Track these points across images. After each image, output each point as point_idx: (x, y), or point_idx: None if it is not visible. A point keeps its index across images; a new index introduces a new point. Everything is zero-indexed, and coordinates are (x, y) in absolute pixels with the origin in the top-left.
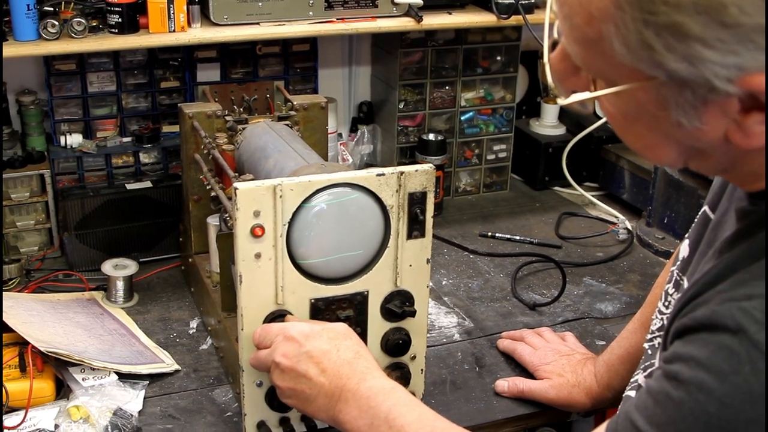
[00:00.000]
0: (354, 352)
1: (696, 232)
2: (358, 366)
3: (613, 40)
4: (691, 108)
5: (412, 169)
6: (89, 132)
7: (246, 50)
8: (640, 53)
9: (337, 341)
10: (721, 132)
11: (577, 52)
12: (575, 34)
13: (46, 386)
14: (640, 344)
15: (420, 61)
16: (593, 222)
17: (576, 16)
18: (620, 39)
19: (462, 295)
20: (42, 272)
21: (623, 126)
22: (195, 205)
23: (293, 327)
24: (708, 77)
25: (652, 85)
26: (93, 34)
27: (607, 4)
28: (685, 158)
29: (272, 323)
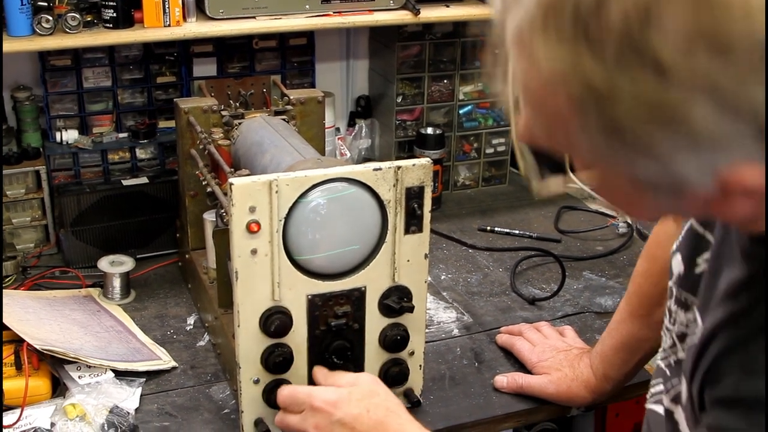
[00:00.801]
0: (384, 409)
1: (687, 247)
2: (391, 425)
3: (578, 134)
4: (668, 190)
5: (409, 164)
6: (85, 128)
7: (242, 44)
8: (606, 151)
9: (365, 402)
10: (701, 204)
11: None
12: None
13: (41, 384)
14: (632, 334)
15: (418, 54)
16: (593, 216)
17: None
18: (585, 137)
19: (461, 289)
20: (38, 269)
21: (600, 187)
22: (191, 200)
23: (318, 396)
24: (681, 176)
25: (623, 170)
26: (87, 29)
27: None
28: (670, 215)
29: (297, 388)
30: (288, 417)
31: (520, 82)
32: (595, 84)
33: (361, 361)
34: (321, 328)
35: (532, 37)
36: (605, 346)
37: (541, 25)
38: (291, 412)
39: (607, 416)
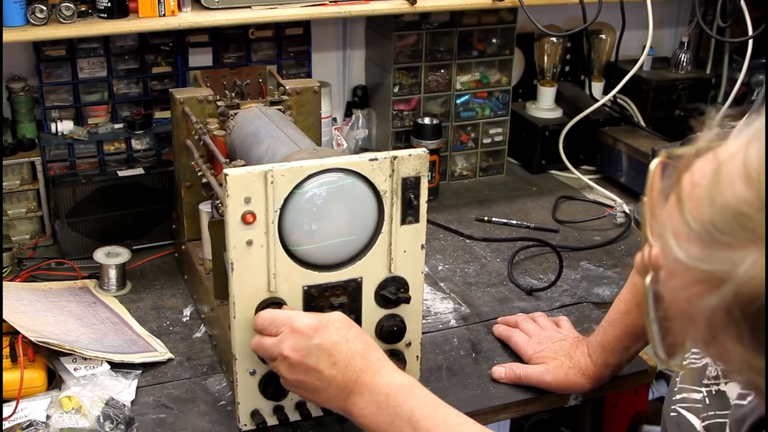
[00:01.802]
0: (363, 342)
1: None
2: (370, 358)
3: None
4: None
5: (405, 154)
6: (80, 119)
7: (238, 34)
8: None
9: (344, 331)
10: None
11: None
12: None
13: (37, 376)
14: (638, 324)
15: (415, 44)
16: (590, 206)
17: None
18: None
19: (458, 280)
20: (34, 261)
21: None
22: (187, 191)
23: (300, 319)
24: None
25: None
26: (82, 19)
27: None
28: None
29: (277, 311)
30: (264, 339)
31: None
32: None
33: None
34: None
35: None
36: (607, 335)
37: (736, 325)
38: (268, 335)
39: (605, 406)
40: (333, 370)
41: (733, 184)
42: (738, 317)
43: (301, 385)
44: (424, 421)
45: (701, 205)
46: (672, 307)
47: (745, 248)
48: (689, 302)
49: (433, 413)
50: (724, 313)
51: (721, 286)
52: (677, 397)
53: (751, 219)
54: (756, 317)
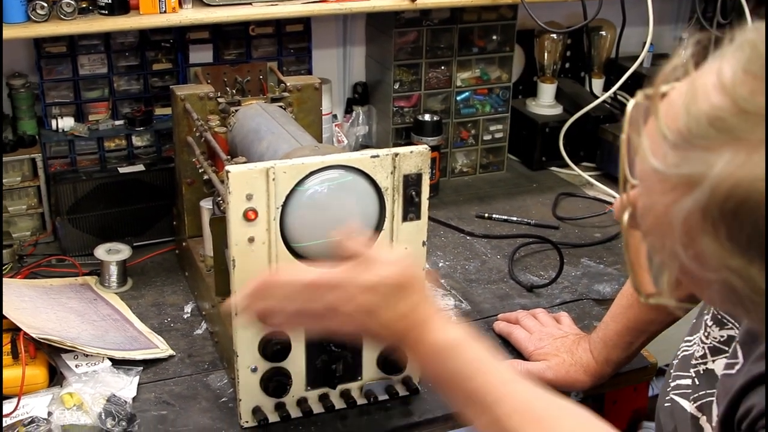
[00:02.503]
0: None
1: None
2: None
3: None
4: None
5: (407, 151)
6: (81, 115)
7: (239, 31)
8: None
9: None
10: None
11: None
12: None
13: (38, 373)
14: (640, 318)
15: (415, 40)
16: (591, 202)
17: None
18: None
19: (459, 277)
20: (34, 257)
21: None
22: (188, 188)
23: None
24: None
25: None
26: (83, 16)
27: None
28: None
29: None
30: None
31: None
32: (759, 286)
33: (359, 349)
34: None
35: (702, 229)
36: (609, 330)
37: (713, 225)
38: None
39: (605, 403)
40: (383, 329)
41: (708, 95)
42: (715, 216)
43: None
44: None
45: (677, 117)
46: (650, 221)
47: (719, 149)
48: (666, 209)
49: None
50: (700, 214)
51: (696, 187)
52: (671, 385)
53: (726, 121)
54: (732, 215)
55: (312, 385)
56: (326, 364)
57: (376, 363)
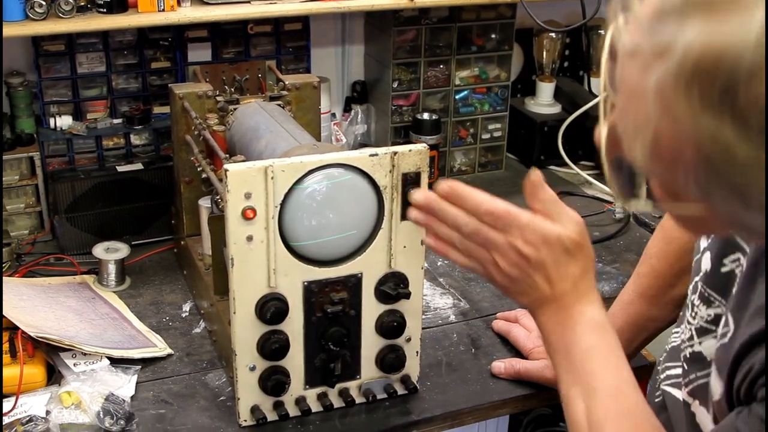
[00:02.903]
0: (581, 267)
1: (716, 246)
2: (580, 286)
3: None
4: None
5: (406, 149)
6: (79, 114)
7: (237, 29)
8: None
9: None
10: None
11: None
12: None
13: (37, 372)
14: (641, 314)
15: (414, 39)
16: (589, 201)
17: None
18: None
19: (457, 275)
20: (33, 256)
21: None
22: (186, 187)
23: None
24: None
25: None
26: (81, 14)
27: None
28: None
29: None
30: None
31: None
32: (734, 152)
33: (357, 348)
34: (317, 315)
35: (675, 94)
36: None
37: (686, 87)
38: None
39: None
40: (545, 284)
41: None
42: (687, 80)
43: (505, 280)
44: (591, 363)
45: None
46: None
47: (692, 15)
48: (639, 81)
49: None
50: (673, 78)
51: (669, 53)
52: (661, 377)
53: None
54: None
55: (310, 383)
56: (325, 363)
57: (375, 362)
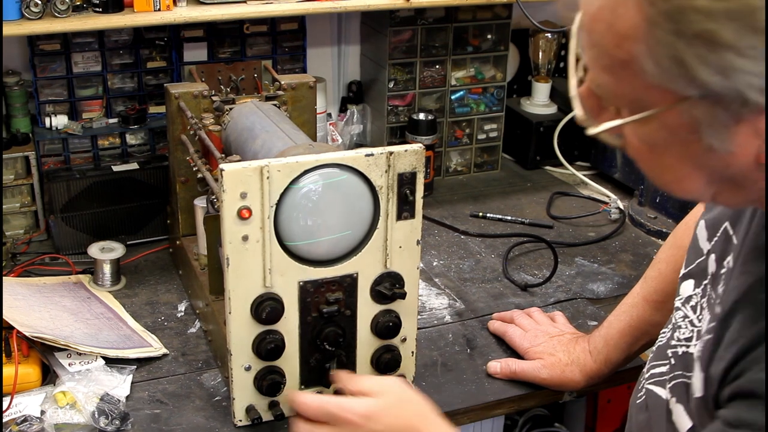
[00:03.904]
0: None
1: (720, 249)
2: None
3: (644, 60)
4: (723, 128)
5: (402, 149)
6: (75, 113)
7: (233, 29)
8: (672, 70)
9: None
10: (752, 155)
11: (606, 81)
12: (603, 61)
13: (31, 372)
14: (644, 318)
15: (410, 39)
16: (585, 201)
17: (604, 40)
18: (652, 58)
19: (453, 276)
20: (28, 256)
21: (650, 159)
22: (182, 186)
23: (353, 409)
24: (741, 89)
25: (684, 106)
26: (77, 13)
27: (638, 21)
28: (714, 190)
29: (326, 400)
30: (316, 429)
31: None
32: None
33: (353, 348)
34: (313, 315)
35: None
36: (612, 329)
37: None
38: (318, 424)
39: (599, 402)
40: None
41: None
42: None
43: None
44: None
45: None
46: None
47: None
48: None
49: None
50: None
51: None
52: (645, 376)
53: None
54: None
55: (306, 383)
56: (320, 363)
57: (370, 362)
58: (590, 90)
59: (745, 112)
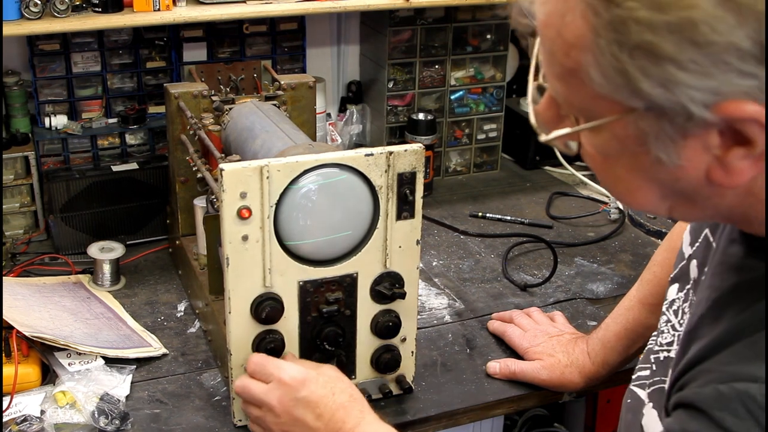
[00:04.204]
0: (348, 395)
1: (702, 255)
2: (353, 410)
3: (591, 69)
4: (670, 142)
5: (401, 149)
6: (74, 113)
7: (233, 29)
8: (617, 81)
9: (331, 384)
10: (702, 170)
11: (558, 88)
12: (555, 69)
13: (31, 371)
14: (639, 321)
15: (409, 39)
16: (584, 202)
17: (554, 47)
18: (597, 67)
19: (453, 276)
20: (27, 256)
21: (604, 168)
22: (182, 186)
23: (288, 371)
24: (684, 102)
25: (631, 117)
26: (76, 13)
27: (584, 30)
28: (669, 204)
29: (268, 358)
30: (252, 384)
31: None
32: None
33: (353, 348)
34: (312, 315)
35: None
36: (608, 331)
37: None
38: (256, 380)
39: (599, 402)
40: (318, 422)
41: None
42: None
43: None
44: None
45: None
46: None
47: None
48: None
49: None
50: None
51: None
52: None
53: None
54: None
55: None
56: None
57: (370, 362)
58: (551, 97)
59: (691, 126)
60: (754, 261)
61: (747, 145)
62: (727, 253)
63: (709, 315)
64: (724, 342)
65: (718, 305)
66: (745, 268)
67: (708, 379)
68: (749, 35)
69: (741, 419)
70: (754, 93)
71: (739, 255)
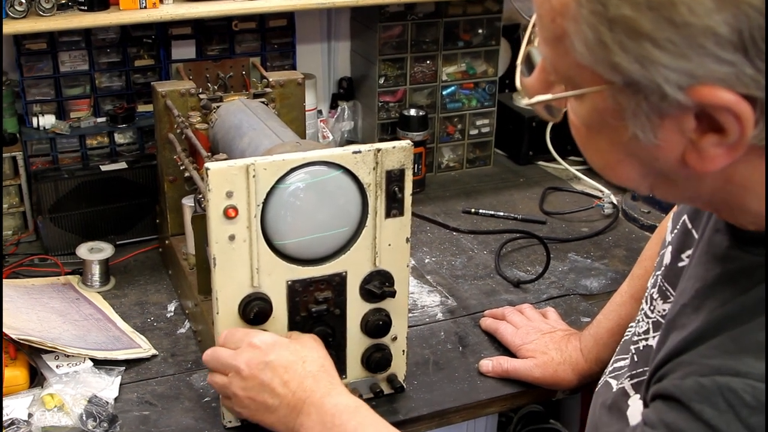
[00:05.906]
0: (319, 365)
1: (678, 242)
2: (321, 380)
3: (574, 38)
4: (646, 120)
5: (389, 146)
6: (62, 113)
7: (222, 26)
8: (597, 52)
9: (304, 353)
10: (678, 152)
11: (546, 53)
12: (544, 33)
13: (19, 374)
14: (631, 316)
15: (400, 35)
16: (578, 197)
17: (543, 12)
18: (579, 36)
19: (445, 273)
20: (16, 257)
21: (585, 139)
22: (170, 186)
23: (258, 335)
24: (659, 82)
25: (610, 90)
26: (62, 12)
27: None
28: (650, 182)
29: (238, 328)
30: (220, 350)
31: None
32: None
33: (343, 347)
34: (302, 314)
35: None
36: (601, 328)
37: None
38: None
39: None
40: (284, 388)
41: None
42: None
43: (251, 404)
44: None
45: None
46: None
47: None
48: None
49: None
50: None
51: None
52: (608, 369)
53: None
54: None
55: None
56: None
57: (361, 361)
58: (541, 66)
59: (666, 107)
60: (737, 252)
61: (720, 133)
62: (711, 243)
63: (691, 304)
64: (706, 334)
65: (700, 295)
66: (729, 259)
67: (688, 371)
68: (727, 21)
69: (720, 412)
70: (730, 81)
71: (723, 245)
